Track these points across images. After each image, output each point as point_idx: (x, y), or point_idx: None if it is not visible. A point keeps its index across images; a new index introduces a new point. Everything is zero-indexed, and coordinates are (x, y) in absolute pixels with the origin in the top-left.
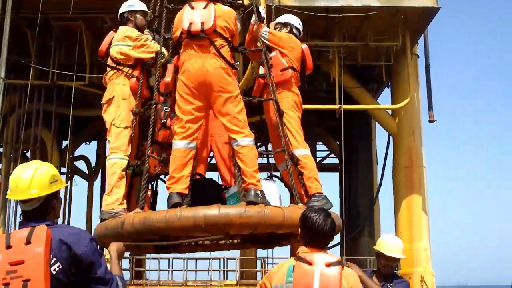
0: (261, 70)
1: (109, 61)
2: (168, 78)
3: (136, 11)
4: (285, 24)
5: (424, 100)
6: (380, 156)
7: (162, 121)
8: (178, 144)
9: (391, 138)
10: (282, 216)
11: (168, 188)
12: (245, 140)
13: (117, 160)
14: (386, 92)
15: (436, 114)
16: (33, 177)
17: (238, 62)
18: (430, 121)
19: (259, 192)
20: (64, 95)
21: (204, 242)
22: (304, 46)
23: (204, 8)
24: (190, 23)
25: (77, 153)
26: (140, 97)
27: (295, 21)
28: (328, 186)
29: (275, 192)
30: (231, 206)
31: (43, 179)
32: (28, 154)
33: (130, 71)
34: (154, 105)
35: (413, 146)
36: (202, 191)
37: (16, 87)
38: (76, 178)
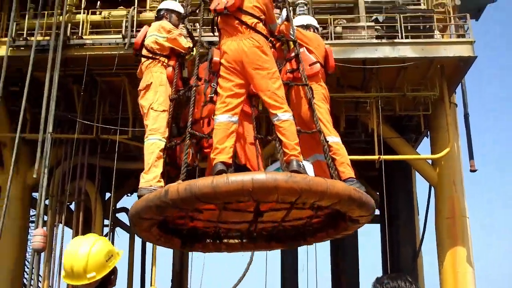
0: (288, 67)
1: (144, 52)
2: (216, 58)
3: (172, 11)
4: (307, 26)
5: (465, 149)
6: (421, 206)
7: (210, 95)
8: (221, 118)
9: (432, 188)
10: (326, 185)
11: (212, 160)
12: (286, 115)
13: (156, 141)
14: (426, 142)
15: (477, 162)
16: (88, 257)
17: (276, 23)
18: (472, 171)
19: (301, 163)
20: (108, 148)
21: (229, 241)
22: (327, 46)
23: None
24: (218, 3)
25: (119, 205)
26: (176, 86)
27: (314, 22)
28: (370, 237)
29: (311, 171)
30: (277, 172)
31: (99, 258)
32: (72, 207)
33: (166, 61)
34: (194, 87)
35: (454, 197)
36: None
37: (62, 141)
38: (118, 230)
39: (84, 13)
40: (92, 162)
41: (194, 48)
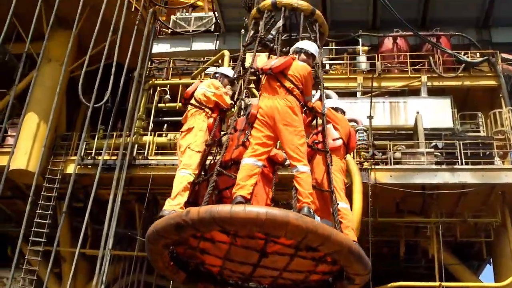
0: (314, 138)
1: (192, 101)
2: (254, 111)
3: (225, 76)
4: (336, 109)
5: None
6: None
7: (243, 140)
8: (247, 160)
9: None
10: (331, 231)
11: (233, 193)
12: (304, 167)
13: (186, 174)
14: (488, 269)
15: None
16: None
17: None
18: None
19: (311, 210)
20: None
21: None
22: (352, 128)
23: (290, 60)
24: (266, 64)
25: None
26: (213, 136)
27: (342, 105)
28: None
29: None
30: (290, 211)
31: None
32: None
33: (209, 113)
34: (229, 134)
35: None
36: None
37: (121, 258)
38: None
39: (151, 135)
40: (149, 281)
41: (235, 106)
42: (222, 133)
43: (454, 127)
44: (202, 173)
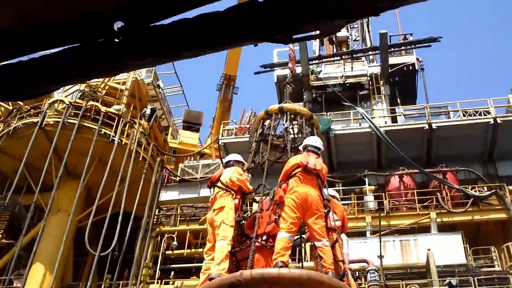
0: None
1: (219, 184)
2: (282, 194)
3: (239, 162)
4: (333, 196)
5: None
6: None
7: (275, 217)
8: (286, 234)
9: None
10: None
11: (274, 259)
12: (327, 242)
13: (225, 244)
14: None
15: None
16: None
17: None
18: None
19: (333, 274)
20: None
21: None
22: (345, 212)
23: (316, 158)
24: (307, 162)
25: None
26: (239, 213)
27: (337, 195)
28: None
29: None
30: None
31: None
32: None
33: (234, 195)
34: (259, 213)
35: None
36: None
37: None
38: None
39: (157, 283)
40: None
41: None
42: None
43: (467, 263)
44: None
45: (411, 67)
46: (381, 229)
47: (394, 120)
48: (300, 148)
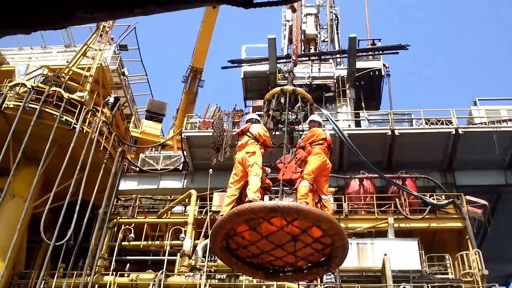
0: None
1: (249, 134)
2: (305, 154)
3: (258, 120)
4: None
5: None
6: None
7: (300, 169)
8: (307, 183)
9: None
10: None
11: (299, 199)
12: (328, 198)
13: (258, 180)
14: None
15: None
16: None
17: None
18: None
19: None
20: None
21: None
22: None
23: None
24: (330, 140)
25: None
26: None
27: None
28: None
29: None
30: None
31: None
32: None
33: (260, 145)
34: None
35: None
36: None
37: None
38: None
39: (112, 274)
40: None
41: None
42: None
43: (422, 269)
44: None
45: (377, 72)
46: None
47: (357, 124)
48: (315, 119)
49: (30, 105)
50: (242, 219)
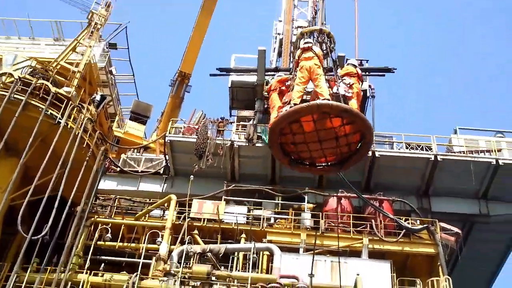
0: None
1: (314, 51)
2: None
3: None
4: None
5: None
6: None
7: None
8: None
9: None
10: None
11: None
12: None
13: (301, 88)
14: None
15: None
16: None
17: None
18: None
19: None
20: None
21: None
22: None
23: None
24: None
25: None
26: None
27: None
28: None
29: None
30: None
31: None
32: None
33: None
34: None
35: None
36: None
37: None
38: None
39: (86, 273)
40: None
41: None
42: None
43: None
44: None
45: (362, 93)
46: (315, 248)
47: None
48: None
49: (15, 96)
50: (316, 112)
